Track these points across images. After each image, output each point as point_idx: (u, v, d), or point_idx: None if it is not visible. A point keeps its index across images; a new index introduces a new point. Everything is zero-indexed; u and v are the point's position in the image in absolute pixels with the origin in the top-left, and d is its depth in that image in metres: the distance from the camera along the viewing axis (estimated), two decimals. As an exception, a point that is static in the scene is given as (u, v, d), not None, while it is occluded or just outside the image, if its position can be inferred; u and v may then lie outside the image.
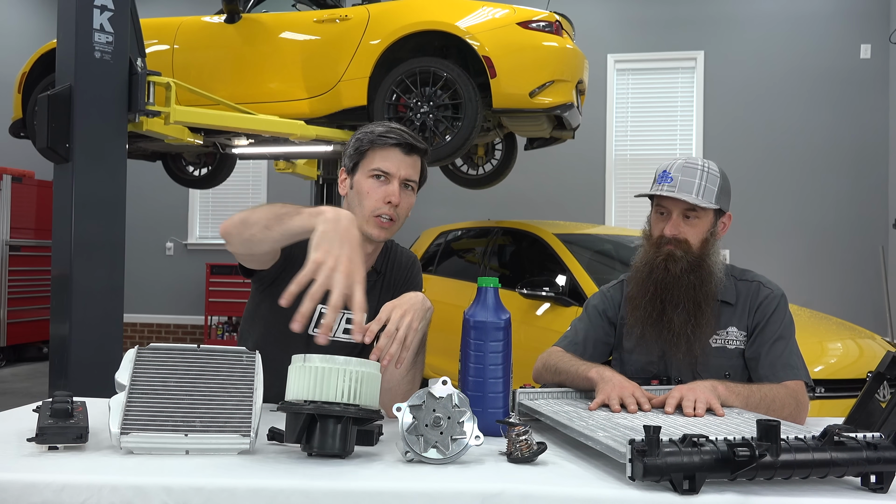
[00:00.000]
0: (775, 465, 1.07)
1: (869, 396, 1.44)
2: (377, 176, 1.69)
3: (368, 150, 1.71)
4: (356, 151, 1.72)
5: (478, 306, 1.48)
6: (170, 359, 1.33)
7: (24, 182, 7.59)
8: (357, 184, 1.71)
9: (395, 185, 1.69)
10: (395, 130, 1.71)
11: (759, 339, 1.75)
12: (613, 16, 7.82)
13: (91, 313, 3.59)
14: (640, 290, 1.80)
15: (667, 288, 1.75)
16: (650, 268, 1.78)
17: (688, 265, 1.75)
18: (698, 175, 1.75)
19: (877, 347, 3.66)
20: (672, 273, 1.75)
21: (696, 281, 1.74)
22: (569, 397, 1.65)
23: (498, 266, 5.38)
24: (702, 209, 1.75)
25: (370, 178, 1.70)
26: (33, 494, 1.08)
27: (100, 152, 3.67)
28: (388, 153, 1.70)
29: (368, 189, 1.69)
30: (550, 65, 4.59)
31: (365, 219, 1.69)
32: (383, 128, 1.72)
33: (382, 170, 1.69)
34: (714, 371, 1.73)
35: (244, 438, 1.25)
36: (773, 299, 1.78)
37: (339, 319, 1.78)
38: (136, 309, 8.28)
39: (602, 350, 1.90)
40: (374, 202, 1.69)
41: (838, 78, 7.40)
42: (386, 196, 1.68)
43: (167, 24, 5.27)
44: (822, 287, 7.11)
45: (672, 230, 1.76)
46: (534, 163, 6.93)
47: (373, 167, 1.70)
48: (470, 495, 1.09)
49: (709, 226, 1.78)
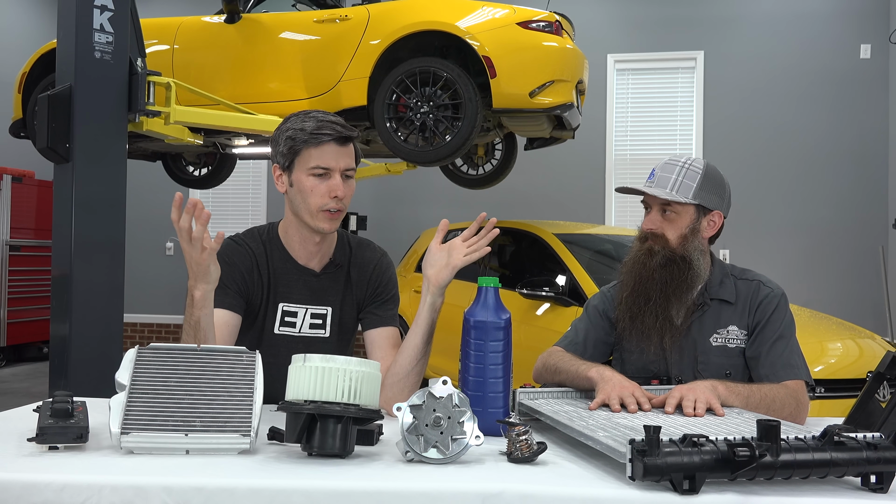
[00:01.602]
0: (775, 466, 1.07)
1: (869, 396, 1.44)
2: (318, 174, 1.70)
3: (303, 149, 1.71)
4: (290, 150, 1.72)
5: (478, 306, 1.48)
6: (170, 359, 1.33)
7: (24, 182, 7.58)
8: (297, 182, 1.72)
9: (336, 178, 1.71)
10: (326, 124, 1.70)
11: (759, 338, 1.75)
12: (613, 16, 7.82)
13: (91, 313, 3.59)
14: (623, 285, 1.83)
15: (642, 282, 1.77)
16: (632, 262, 1.82)
17: (663, 259, 1.76)
18: (676, 171, 1.77)
19: (877, 347, 3.66)
20: (648, 267, 1.77)
21: (667, 276, 1.75)
22: (569, 397, 1.65)
23: (498, 266, 5.37)
24: (678, 204, 1.76)
25: (311, 176, 1.71)
26: (33, 494, 1.08)
27: (100, 152, 3.67)
28: (325, 149, 1.70)
29: (311, 186, 1.70)
30: (550, 65, 4.59)
31: (312, 214, 1.72)
32: (313, 122, 1.71)
33: (322, 166, 1.70)
34: (715, 370, 1.73)
35: (244, 438, 1.25)
36: (774, 298, 1.78)
37: (303, 314, 1.80)
38: (136, 309, 8.27)
39: (602, 350, 1.90)
40: (319, 198, 1.70)
41: (838, 78, 7.39)
42: (330, 191, 1.70)
43: (167, 24, 5.27)
44: (822, 287, 7.10)
45: (649, 224, 1.79)
46: (534, 163, 6.93)
47: (311, 165, 1.70)
48: (470, 495, 1.09)
49: (689, 222, 1.78)
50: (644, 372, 1.80)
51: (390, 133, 4.65)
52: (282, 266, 1.79)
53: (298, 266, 1.80)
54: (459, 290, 5.28)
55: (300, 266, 1.80)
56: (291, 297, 1.79)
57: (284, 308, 1.78)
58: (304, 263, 1.80)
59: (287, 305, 1.79)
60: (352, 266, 1.86)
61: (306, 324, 1.80)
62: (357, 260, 1.87)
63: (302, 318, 1.80)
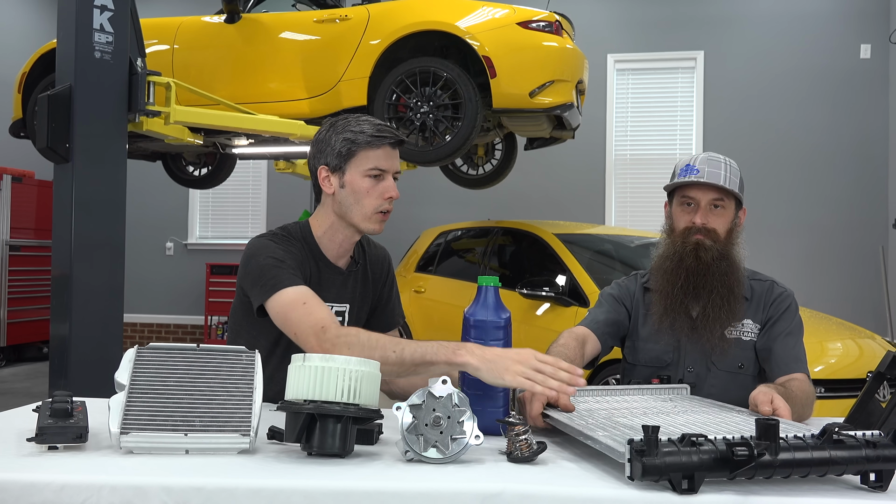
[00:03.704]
0: (774, 465, 1.07)
1: (869, 396, 1.44)
2: (375, 175, 1.73)
3: (360, 150, 1.73)
4: (347, 151, 1.73)
5: (478, 305, 1.48)
6: (170, 359, 1.33)
7: (24, 182, 7.58)
8: (351, 183, 1.74)
9: (390, 180, 1.76)
10: (385, 129, 1.75)
11: (771, 331, 1.81)
12: (613, 16, 7.82)
13: (91, 313, 3.58)
14: (668, 279, 1.83)
15: (699, 275, 1.79)
16: (679, 257, 1.82)
17: (717, 253, 1.79)
18: (723, 167, 1.82)
19: (877, 347, 3.66)
20: (703, 261, 1.79)
21: (726, 268, 1.79)
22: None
23: (498, 266, 5.38)
24: (728, 199, 1.82)
25: (367, 178, 1.73)
26: (33, 494, 1.08)
27: (100, 152, 3.67)
28: (382, 151, 1.74)
29: (367, 188, 1.73)
30: (550, 65, 4.59)
31: (367, 217, 1.75)
32: (372, 127, 1.74)
33: (380, 168, 1.73)
34: (729, 362, 1.79)
35: (244, 438, 1.25)
36: (787, 297, 1.85)
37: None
38: (136, 309, 8.28)
39: (614, 330, 1.92)
40: (375, 200, 1.74)
41: (838, 78, 7.39)
42: (386, 192, 1.75)
43: (167, 24, 5.27)
44: (822, 287, 7.10)
45: (702, 219, 1.81)
46: (534, 163, 6.93)
47: (370, 166, 1.73)
48: (470, 495, 1.09)
49: (732, 216, 1.85)
50: (657, 361, 1.85)
51: (390, 133, 4.64)
52: (316, 264, 1.80)
53: (330, 265, 1.82)
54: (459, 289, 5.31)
55: (331, 265, 1.82)
56: (323, 294, 1.76)
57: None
58: (334, 262, 1.83)
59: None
60: (368, 263, 1.90)
61: None
62: (371, 257, 1.92)
63: None
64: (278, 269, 1.65)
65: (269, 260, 1.67)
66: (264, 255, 1.68)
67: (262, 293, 1.65)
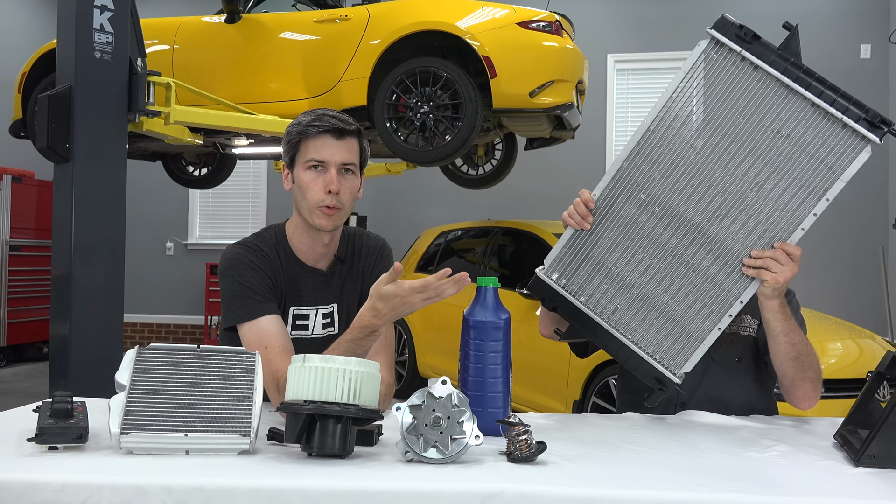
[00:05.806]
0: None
1: (869, 396, 1.44)
2: (314, 166, 1.69)
3: (300, 142, 1.70)
4: (289, 145, 1.72)
5: (477, 306, 1.48)
6: (170, 359, 1.33)
7: (24, 182, 7.58)
8: (297, 177, 1.71)
9: (332, 172, 1.68)
10: (322, 117, 1.69)
11: None
12: (613, 16, 7.82)
13: (91, 313, 3.58)
14: None
15: None
16: None
17: None
18: None
19: (877, 347, 3.66)
20: None
21: None
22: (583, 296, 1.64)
23: (498, 266, 5.38)
24: None
25: (308, 170, 1.69)
26: (33, 494, 1.08)
27: (100, 152, 3.67)
28: (320, 141, 1.68)
29: (308, 181, 1.69)
30: (550, 65, 4.59)
31: (310, 210, 1.69)
32: (311, 116, 1.70)
33: (317, 159, 1.68)
34: (725, 357, 1.78)
35: (244, 438, 1.25)
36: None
37: (314, 316, 1.79)
38: (136, 309, 8.28)
39: None
40: (314, 193, 1.68)
41: (838, 78, 7.16)
42: (325, 185, 1.68)
43: (167, 24, 5.27)
44: (822, 287, 7.10)
45: None
46: (534, 163, 6.93)
47: (307, 158, 1.69)
48: (470, 495, 1.09)
49: None
50: None
51: (390, 133, 4.65)
52: (291, 269, 1.76)
53: (307, 268, 1.77)
54: (459, 290, 5.29)
55: (308, 267, 1.77)
56: (303, 299, 1.75)
57: (295, 311, 1.76)
58: (313, 265, 1.78)
59: (298, 309, 1.76)
60: (356, 257, 1.84)
61: (318, 324, 1.78)
62: (363, 251, 1.85)
63: (314, 319, 1.78)
64: (244, 298, 1.64)
65: (236, 286, 1.65)
66: (232, 279, 1.67)
67: (227, 319, 1.66)
